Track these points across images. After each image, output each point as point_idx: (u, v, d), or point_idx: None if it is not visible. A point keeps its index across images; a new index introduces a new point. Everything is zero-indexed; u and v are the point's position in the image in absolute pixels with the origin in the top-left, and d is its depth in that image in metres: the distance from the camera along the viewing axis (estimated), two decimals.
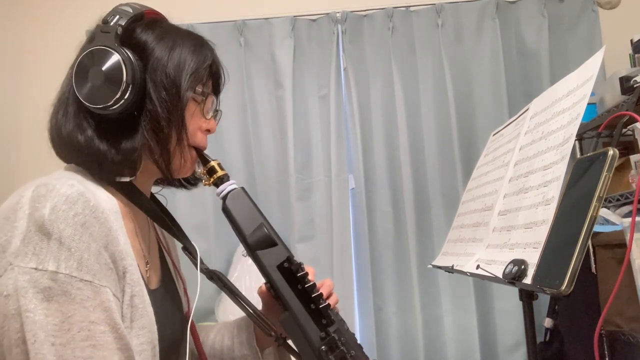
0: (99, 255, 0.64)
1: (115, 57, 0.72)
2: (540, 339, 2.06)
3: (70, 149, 0.74)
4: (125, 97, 0.71)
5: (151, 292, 0.76)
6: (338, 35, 2.49)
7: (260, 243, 0.79)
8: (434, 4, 2.49)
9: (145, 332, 0.69)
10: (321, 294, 0.79)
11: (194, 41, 0.80)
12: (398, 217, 2.43)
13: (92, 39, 0.75)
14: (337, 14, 2.49)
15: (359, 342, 0.83)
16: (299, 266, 0.79)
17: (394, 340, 2.39)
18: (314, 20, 2.52)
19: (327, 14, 2.50)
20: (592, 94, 2.04)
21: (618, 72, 1.89)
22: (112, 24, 0.74)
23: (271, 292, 0.83)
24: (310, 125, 2.49)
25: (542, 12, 2.46)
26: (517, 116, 1.11)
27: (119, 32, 0.73)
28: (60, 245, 0.61)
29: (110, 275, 0.65)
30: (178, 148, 0.77)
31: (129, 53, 0.73)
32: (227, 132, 2.48)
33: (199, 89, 0.79)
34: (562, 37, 2.47)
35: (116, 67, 0.71)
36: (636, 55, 2.04)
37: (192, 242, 0.86)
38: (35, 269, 0.60)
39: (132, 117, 0.74)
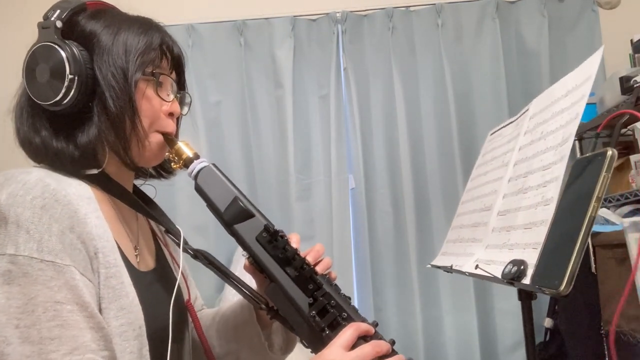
0: (62, 235, 0.63)
1: (56, 52, 0.71)
2: (540, 338, 2.06)
3: (31, 151, 0.74)
4: (73, 90, 0.70)
5: (139, 274, 0.75)
6: (338, 35, 2.49)
7: (237, 217, 0.76)
8: (434, 4, 2.49)
9: (124, 313, 0.68)
10: (304, 259, 0.77)
11: (141, 24, 0.78)
12: (398, 217, 2.43)
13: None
14: (337, 14, 2.49)
15: (353, 304, 0.78)
16: (277, 234, 0.76)
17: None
18: (314, 20, 2.52)
19: (327, 14, 2.50)
20: (592, 94, 2.05)
21: (618, 72, 1.89)
22: (52, 19, 0.73)
23: (255, 266, 0.80)
24: (310, 125, 2.49)
25: (542, 12, 2.46)
26: (517, 117, 1.11)
27: (58, 26, 0.72)
28: (18, 228, 0.61)
29: (77, 256, 0.64)
30: (134, 134, 0.75)
31: (72, 46, 0.72)
32: (227, 132, 2.48)
33: (149, 70, 0.77)
34: (562, 37, 2.47)
35: (58, 62, 0.71)
36: (636, 55, 2.04)
37: (177, 227, 0.85)
38: None
39: (87, 109, 0.73)
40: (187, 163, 0.79)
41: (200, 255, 0.81)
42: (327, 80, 2.47)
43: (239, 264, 2.29)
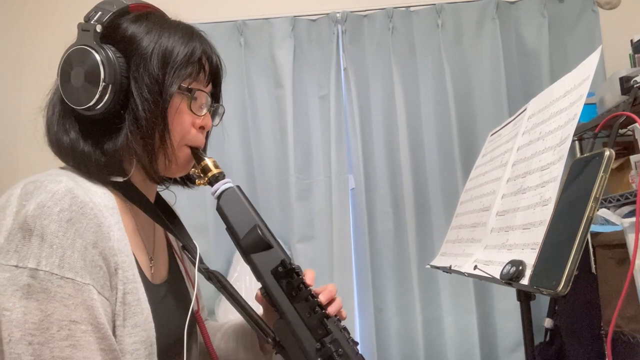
0: (85, 251, 0.62)
1: (92, 57, 0.70)
2: (540, 339, 2.05)
3: (60, 151, 0.73)
4: (106, 97, 0.70)
5: (153, 288, 0.75)
6: (338, 35, 2.49)
7: (254, 246, 0.75)
8: (434, 4, 2.49)
9: (138, 330, 0.67)
10: (317, 301, 0.76)
11: (182, 33, 0.76)
12: (398, 217, 2.43)
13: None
14: (337, 14, 2.49)
15: (359, 353, 0.78)
16: (294, 271, 0.75)
17: (394, 340, 2.39)
18: (314, 20, 2.52)
19: (327, 14, 2.50)
20: (592, 94, 2.06)
21: (618, 72, 1.89)
22: (92, 21, 0.72)
23: (266, 298, 0.79)
24: (310, 125, 2.49)
25: (542, 12, 2.45)
26: (514, 116, 1.11)
27: (98, 30, 0.71)
28: (42, 242, 0.60)
29: (97, 273, 0.64)
30: (162, 147, 0.74)
31: (109, 51, 0.71)
32: (227, 132, 2.48)
33: (185, 84, 0.75)
34: (562, 37, 2.47)
35: (94, 67, 0.70)
36: (636, 55, 2.04)
37: (194, 242, 0.84)
38: (16, 266, 0.60)
39: (118, 116, 0.72)
40: (211, 181, 0.79)
41: (213, 278, 0.80)
42: (327, 80, 2.47)
43: (238, 264, 2.30)
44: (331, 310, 0.79)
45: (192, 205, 2.32)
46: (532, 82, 2.44)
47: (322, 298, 0.79)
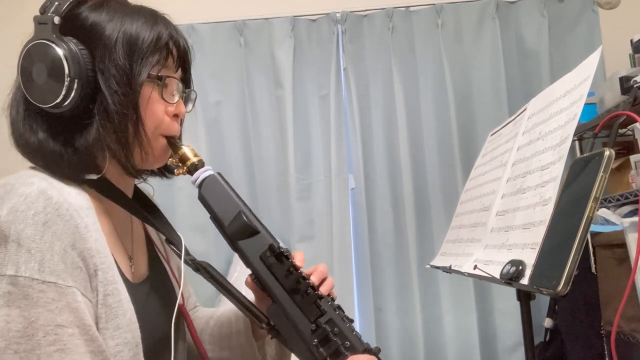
0: (65, 254, 0.61)
1: (54, 51, 0.66)
2: (540, 339, 2.06)
3: (28, 152, 0.70)
4: (73, 92, 0.66)
5: (135, 287, 0.73)
6: (338, 35, 2.49)
7: (241, 232, 0.74)
8: (434, 4, 2.49)
9: (120, 332, 0.66)
10: (309, 282, 0.75)
11: (146, 18, 0.73)
12: (398, 217, 2.43)
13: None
14: (337, 14, 2.49)
15: (356, 331, 0.77)
16: (283, 254, 0.74)
17: (394, 340, 2.39)
18: (314, 20, 2.52)
19: (327, 14, 2.50)
20: (592, 94, 2.06)
21: (618, 72, 1.89)
22: (49, 13, 0.68)
23: (257, 284, 0.78)
24: (310, 125, 2.49)
25: (542, 12, 2.45)
26: (514, 116, 1.11)
27: (56, 22, 0.67)
28: (19, 247, 0.58)
29: (78, 275, 0.62)
30: (136, 140, 0.71)
31: (71, 44, 0.67)
32: (227, 132, 2.48)
33: (154, 72, 0.72)
34: (562, 37, 2.47)
35: (57, 62, 0.66)
36: (636, 55, 2.04)
37: (178, 233, 0.82)
38: None
39: (87, 111, 0.68)
40: (191, 170, 0.76)
41: (201, 269, 0.78)
42: (327, 80, 2.47)
43: (238, 264, 2.29)
44: (323, 290, 0.78)
45: (192, 205, 2.32)
46: (532, 82, 2.44)
47: (314, 279, 0.78)
